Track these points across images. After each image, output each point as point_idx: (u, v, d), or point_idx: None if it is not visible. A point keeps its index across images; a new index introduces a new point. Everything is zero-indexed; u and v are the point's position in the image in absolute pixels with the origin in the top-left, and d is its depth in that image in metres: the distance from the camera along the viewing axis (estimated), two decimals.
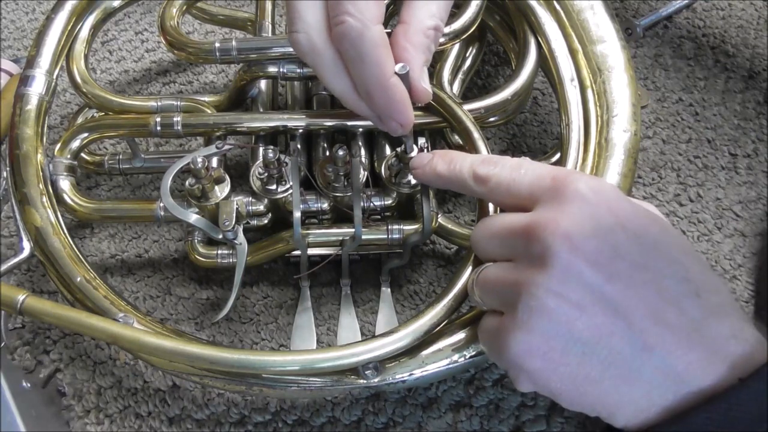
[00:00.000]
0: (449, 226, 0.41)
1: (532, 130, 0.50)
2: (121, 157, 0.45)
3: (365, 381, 0.34)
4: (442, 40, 0.39)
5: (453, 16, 0.40)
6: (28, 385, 0.39)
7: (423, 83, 0.35)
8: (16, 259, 0.39)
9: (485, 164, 0.33)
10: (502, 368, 0.31)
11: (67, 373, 0.41)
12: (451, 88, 0.45)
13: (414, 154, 0.38)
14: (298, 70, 0.42)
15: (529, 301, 0.28)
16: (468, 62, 0.47)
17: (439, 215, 0.41)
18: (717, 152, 0.48)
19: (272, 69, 0.42)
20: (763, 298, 0.41)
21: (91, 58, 0.56)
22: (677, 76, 0.52)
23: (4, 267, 0.39)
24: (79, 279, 0.38)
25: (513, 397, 0.38)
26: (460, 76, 0.46)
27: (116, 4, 0.47)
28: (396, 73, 0.33)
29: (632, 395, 0.28)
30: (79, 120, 0.46)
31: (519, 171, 0.31)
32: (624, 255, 0.27)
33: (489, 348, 0.32)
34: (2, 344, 0.41)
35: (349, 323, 0.41)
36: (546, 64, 0.43)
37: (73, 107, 0.53)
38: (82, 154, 0.45)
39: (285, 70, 0.42)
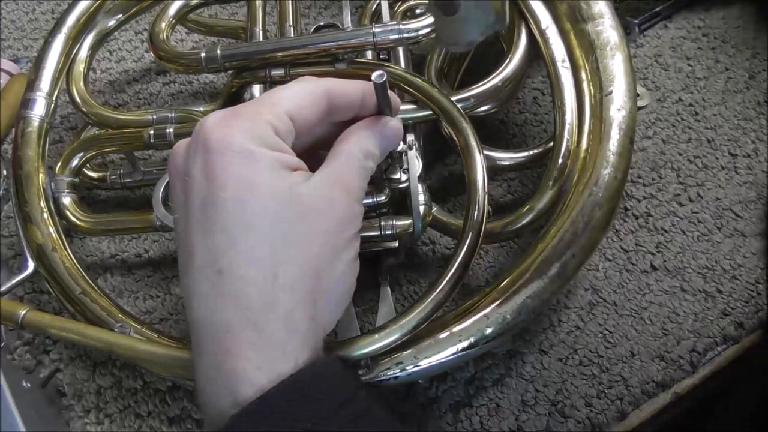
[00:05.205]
0: (444, 218, 0.41)
1: (532, 130, 0.50)
2: (122, 171, 0.46)
3: None
4: (428, 30, 0.40)
5: None
6: (28, 385, 0.39)
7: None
8: (20, 276, 0.40)
9: None
10: None
11: (67, 373, 0.41)
12: (444, 80, 0.45)
13: (401, 148, 0.38)
14: (283, 73, 0.42)
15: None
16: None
17: (434, 209, 0.41)
18: (717, 152, 0.48)
19: (261, 74, 0.42)
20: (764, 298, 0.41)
21: None
22: (677, 76, 0.52)
23: (9, 284, 0.40)
24: (78, 292, 0.39)
25: (513, 397, 0.38)
26: (453, 67, 0.46)
27: (111, 24, 0.49)
28: (372, 81, 0.32)
29: None
30: (82, 137, 0.47)
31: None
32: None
33: None
34: (2, 344, 0.41)
35: (348, 323, 0.41)
36: (538, 48, 0.43)
37: (73, 107, 0.53)
38: (87, 171, 0.46)
39: (273, 74, 0.42)
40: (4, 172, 0.49)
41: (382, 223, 0.39)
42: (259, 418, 0.26)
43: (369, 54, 0.43)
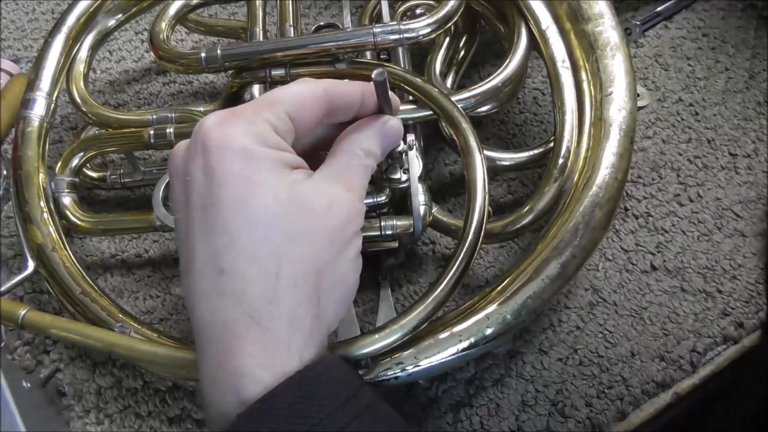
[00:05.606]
0: (444, 218, 0.41)
1: (532, 130, 0.50)
2: (122, 171, 0.46)
3: None
4: (428, 30, 0.40)
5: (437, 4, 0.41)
6: (28, 385, 0.39)
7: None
8: (20, 276, 0.41)
9: None
10: None
11: (67, 373, 0.41)
12: (444, 80, 0.45)
13: (401, 148, 0.38)
14: (283, 73, 0.42)
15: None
16: (461, 53, 0.47)
17: (434, 209, 0.41)
18: (717, 152, 0.48)
19: (261, 74, 0.42)
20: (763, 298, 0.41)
21: None
22: (677, 76, 0.52)
23: (9, 284, 0.40)
24: (78, 292, 0.39)
25: (513, 397, 0.38)
26: (454, 67, 0.46)
27: (111, 24, 0.49)
28: (373, 79, 0.32)
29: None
30: (82, 137, 0.47)
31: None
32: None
33: None
34: (2, 344, 0.41)
35: (349, 323, 0.41)
36: (539, 48, 0.43)
37: (73, 107, 0.53)
38: (87, 171, 0.46)
39: (273, 74, 0.42)
40: (4, 172, 0.49)
41: (382, 223, 0.39)
42: (266, 417, 0.26)
43: (369, 54, 0.43)
